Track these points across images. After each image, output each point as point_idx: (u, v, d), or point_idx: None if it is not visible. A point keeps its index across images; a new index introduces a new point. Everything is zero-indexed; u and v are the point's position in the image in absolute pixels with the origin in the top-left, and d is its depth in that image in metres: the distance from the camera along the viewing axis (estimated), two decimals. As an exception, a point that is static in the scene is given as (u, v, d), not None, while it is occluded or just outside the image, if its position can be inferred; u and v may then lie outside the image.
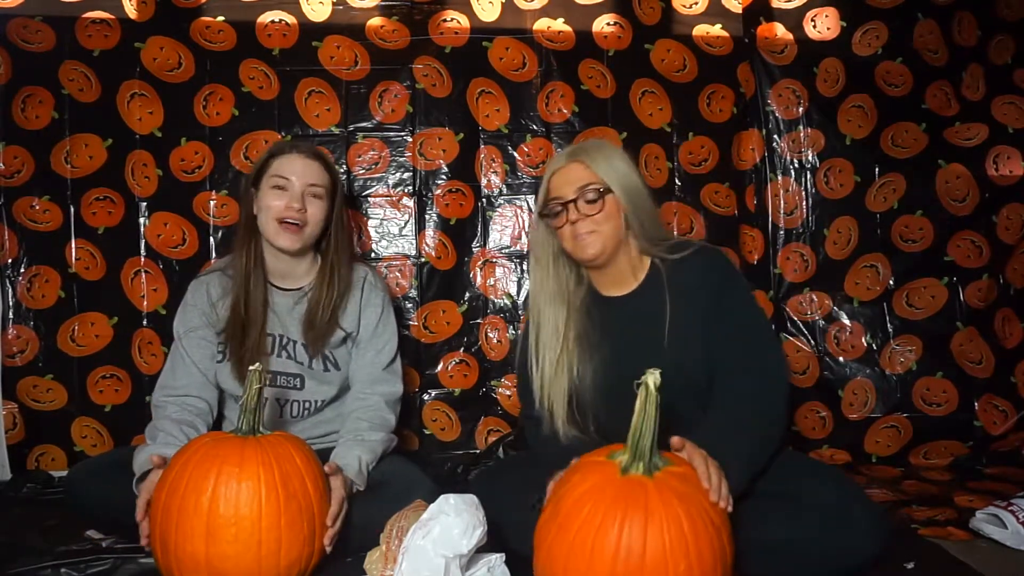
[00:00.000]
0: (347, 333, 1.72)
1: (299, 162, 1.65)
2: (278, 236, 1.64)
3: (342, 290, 1.70)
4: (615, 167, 1.48)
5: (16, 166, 2.08)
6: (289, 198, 1.63)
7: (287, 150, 1.67)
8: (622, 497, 1.08)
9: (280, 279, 1.73)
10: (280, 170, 1.64)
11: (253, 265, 1.68)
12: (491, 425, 2.22)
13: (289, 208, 1.62)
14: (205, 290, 1.71)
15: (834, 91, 2.27)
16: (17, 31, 2.09)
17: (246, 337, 1.64)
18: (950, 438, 2.20)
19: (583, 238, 1.46)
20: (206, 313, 1.69)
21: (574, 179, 1.47)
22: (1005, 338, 2.24)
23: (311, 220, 1.66)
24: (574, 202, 1.46)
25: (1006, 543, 1.50)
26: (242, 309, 1.65)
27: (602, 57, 2.26)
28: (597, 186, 1.46)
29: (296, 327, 1.70)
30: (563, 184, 1.48)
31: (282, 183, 1.63)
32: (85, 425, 2.09)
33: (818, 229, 2.27)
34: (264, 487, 1.22)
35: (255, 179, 1.68)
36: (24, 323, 2.08)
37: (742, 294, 1.50)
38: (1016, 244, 2.24)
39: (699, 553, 1.06)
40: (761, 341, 1.47)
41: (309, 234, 1.67)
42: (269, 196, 1.64)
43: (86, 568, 1.38)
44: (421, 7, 2.23)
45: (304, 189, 1.64)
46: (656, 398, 1.09)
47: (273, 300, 1.71)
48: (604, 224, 1.46)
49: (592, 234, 1.46)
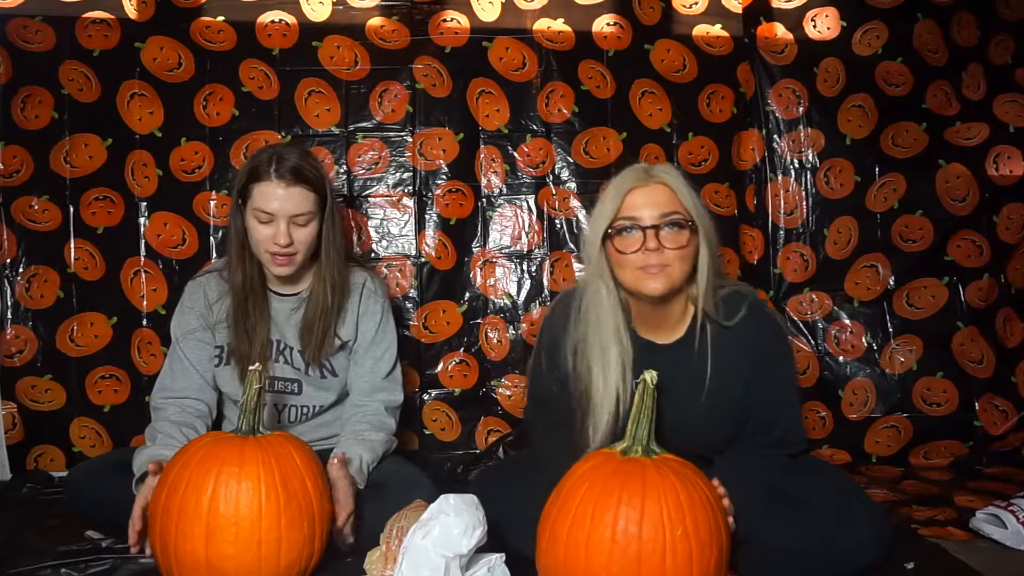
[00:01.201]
0: (344, 342, 1.70)
1: (280, 192, 1.53)
2: (271, 266, 1.60)
3: (339, 296, 1.66)
4: (698, 204, 1.32)
5: (15, 166, 2.08)
6: (275, 233, 1.55)
7: (265, 175, 1.54)
8: (621, 471, 1.13)
9: (278, 286, 1.71)
10: (261, 204, 1.54)
11: (252, 278, 1.64)
12: (491, 425, 2.22)
13: (276, 243, 1.55)
14: (203, 292, 1.70)
15: (834, 91, 2.27)
16: (17, 31, 2.08)
17: (250, 347, 1.62)
18: (950, 438, 2.20)
19: (652, 270, 1.29)
20: (203, 315, 1.68)
21: (660, 202, 1.30)
22: (1007, 338, 2.24)
23: (301, 247, 1.59)
24: (656, 228, 1.28)
25: (1006, 543, 1.50)
26: (243, 322, 1.63)
27: (602, 57, 2.26)
28: (684, 217, 1.30)
29: (294, 333, 1.68)
30: (644, 204, 1.30)
31: (265, 218, 1.55)
32: (84, 425, 2.09)
33: (818, 229, 2.27)
34: (264, 487, 1.22)
35: (240, 195, 1.60)
36: (23, 323, 2.08)
37: (782, 370, 1.42)
38: (1017, 244, 2.24)
39: (695, 522, 1.09)
40: (785, 418, 1.41)
41: (302, 257, 1.62)
42: (254, 227, 1.57)
43: (86, 568, 1.38)
44: (421, 7, 2.23)
45: (289, 221, 1.55)
46: (653, 392, 1.15)
47: (272, 306, 1.69)
48: (677, 263, 1.30)
49: (665, 268, 1.29)
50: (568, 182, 2.26)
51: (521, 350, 2.23)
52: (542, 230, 2.25)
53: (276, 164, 1.55)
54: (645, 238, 1.28)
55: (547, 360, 1.49)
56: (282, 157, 1.56)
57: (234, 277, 1.64)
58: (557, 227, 2.26)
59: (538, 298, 2.25)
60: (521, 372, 2.22)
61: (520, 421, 2.20)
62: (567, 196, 2.26)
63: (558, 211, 2.26)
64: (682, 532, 1.08)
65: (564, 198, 2.26)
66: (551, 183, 2.26)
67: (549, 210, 2.26)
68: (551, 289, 2.24)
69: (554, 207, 2.26)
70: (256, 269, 1.65)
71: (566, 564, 1.12)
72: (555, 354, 1.46)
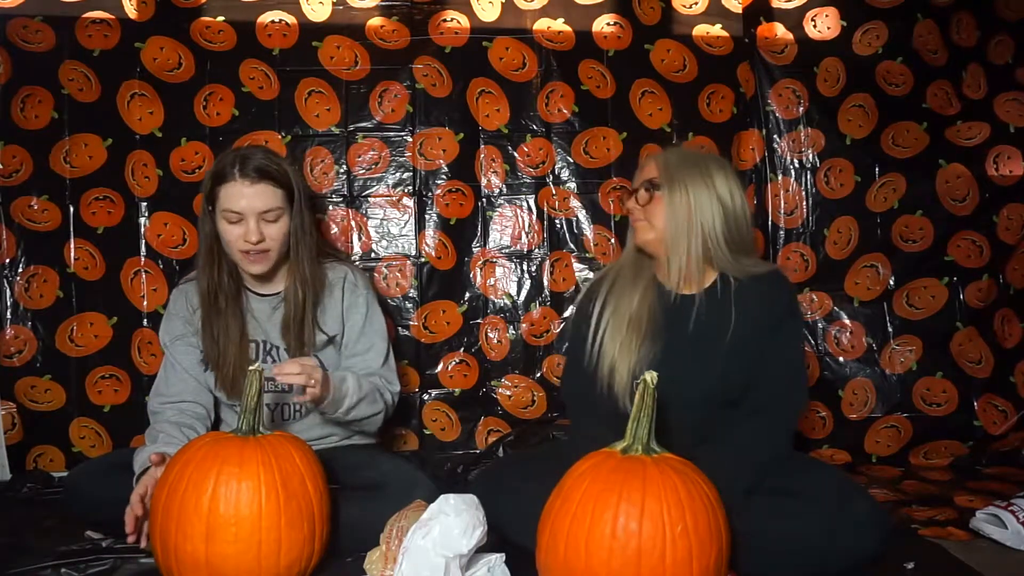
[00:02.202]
0: (330, 336, 1.70)
1: (246, 191, 1.55)
2: (246, 265, 1.62)
3: (315, 292, 1.67)
4: (678, 174, 1.53)
5: (15, 165, 2.08)
6: (245, 231, 1.57)
7: (230, 176, 1.56)
8: (621, 468, 1.14)
9: (257, 286, 1.72)
10: (229, 204, 1.56)
11: (223, 282, 1.64)
12: (491, 425, 2.22)
13: (247, 241, 1.57)
14: (184, 298, 1.72)
15: (834, 91, 2.27)
16: (17, 31, 2.08)
17: (223, 356, 1.63)
18: (950, 438, 2.20)
19: (633, 225, 1.59)
20: (188, 320, 1.70)
21: (644, 173, 1.58)
22: (1005, 338, 2.24)
23: (273, 244, 1.61)
24: (635, 192, 1.58)
25: (1006, 543, 1.50)
26: (212, 330, 1.64)
27: (602, 57, 2.26)
28: (653, 181, 1.55)
29: (277, 333, 1.69)
30: (637, 178, 1.61)
31: (234, 218, 1.57)
32: (84, 426, 2.09)
33: (818, 229, 2.27)
34: (264, 487, 1.22)
35: (208, 201, 1.61)
36: (22, 323, 2.08)
37: (796, 329, 1.60)
38: (1016, 244, 2.24)
39: (695, 519, 1.10)
40: (789, 387, 1.52)
41: (276, 253, 1.63)
42: (225, 229, 1.59)
43: (86, 568, 1.38)
44: (421, 7, 2.23)
45: (258, 218, 1.57)
46: (653, 392, 1.17)
47: (252, 306, 1.70)
48: (649, 219, 1.54)
49: (638, 222, 1.57)
50: (568, 182, 2.26)
51: (521, 350, 2.23)
52: (542, 230, 2.26)
53: (240, 165, 1.57)
54: (631, 201, 1.58)
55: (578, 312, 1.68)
56: (245, 157, 1.58)
57: (200, 283, 1.66)
58: (557, 227, 2.26)
59: (538, 298, 2.25)
60: (521, 372, 2.23)
61: (520, 421, 2.21)
62: (567, 196, 2.26)
63: (558, 211, 2.26)
64: (682, 529, 1.08)
65: (564, 198, 2.26)
66: (551, 183, 2.26)
67: (549, 210, 2.26)
68: (551, 289, 2.25)
69: (554, 207, 2.26)
70: (229, 273, 1.66)
71: (566, 561, 1.12)
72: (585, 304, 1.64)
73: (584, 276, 2.24)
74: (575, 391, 1.64)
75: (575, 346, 1.65)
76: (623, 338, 1.52)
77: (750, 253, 1.59)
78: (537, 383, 2.23)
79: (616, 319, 1.54)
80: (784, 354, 1.52)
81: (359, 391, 1.58)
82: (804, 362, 1.63)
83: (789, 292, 1.57)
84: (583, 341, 1.59)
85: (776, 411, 1.49)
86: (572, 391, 1.67)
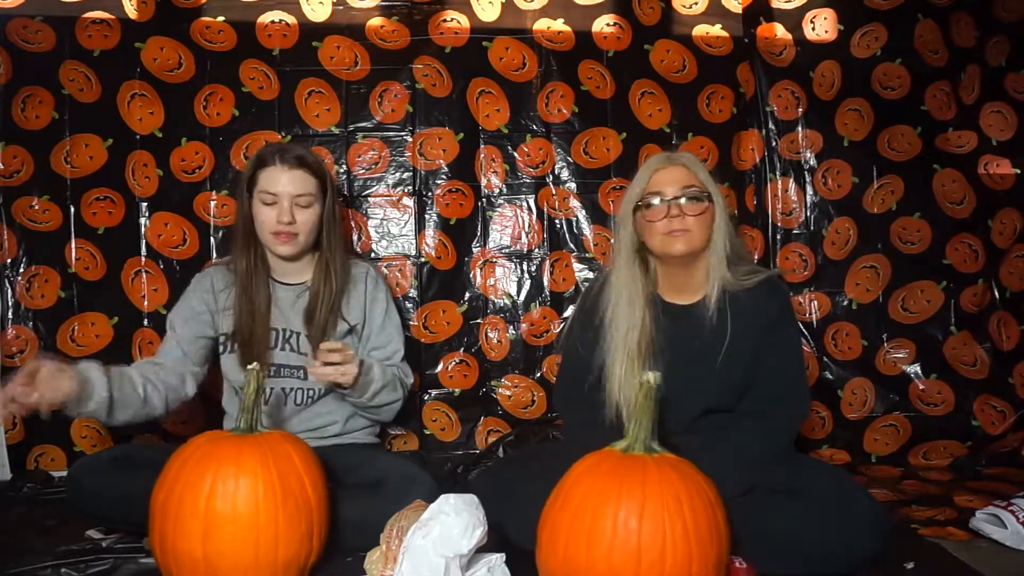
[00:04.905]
0: (352, 326, 1.77)
1: (284, 176, 1.67)
2: (275, 246, 1.71)
3: (340, 284, 1.76)
4: (712, 182, 1.54)
5: (16, 166, 2.08)
6: (279, 212, 1.67)
7: (270, 161, 1.69)
8: (622, 467, 1.15)
9: (282, 275, 1.78)
10: (266, 186, 1.67)
11: (255, 265, 1.74)
12: (491, 425, 2.22)
13: (280, 222, 1.67)
14: (210, 280, 1.79)
15: (830, 95, 2.27)
16: (17, 31, 2.09)
17: (252, 333, 1.71)
18: (949, 438, 2.20)
19: (676, 233, 1.49)
20: (206, 300, 1.76)
21: (679, 179, 1.51)
22: (1002, 341, 2.24)
23: (303, 228, 1.70)
24: (676, 199, 1.49)
25: (1006, 543, 1.50)
26: (246, 306, 1.72)
27: (602, 57, 2.26)
28: (701, 190, 1.51)
29: (299, 320, 1.75)
30: (667, 182, 1.52)
31: (269, 199, 1.67)
32: (85, 425, 2.09)
33: (817, 230, 2.27)
34: (261, 484, 1.22)
35: (247, 186, 1.72)
36: (23, 323, 2.08)
37: (791, 335, 1.57)
38: (1009, 248, 2.25)
39: (695, 518, 1.10)
40: (787, 393, 1.52)
41: (304, 239, 1.72)
42: (260, 210, 1.69)
43: (86, 568, 1.38)
44: (421, 7, 2.24)
45: (292, 201, 1.68)
46: (654, 392, 1.17)
47: (276, 295, 1.77)
48: (696, 227, 1.50)
49: (686, 233, 1.49)
50: (568, 182, 2.26)
51: (521, 350, 2.23)
52: (542, 230, 2.26)
53: (280, 153, 1.70)
54: (669, 208, 1.49)
55: (580, 322, 1.67)
56: (286, 148, 1.72)
57: (239, 263, 1.74)
58: (557, 227, 2.26)
59: (538, 298, 2.25)
60: (521, 372, 2.23)
61: (520, 421, 2.21)
62: (567, 196, 2.26)
63: (558, 211, 2.26)
64: (682, 527, 1.08)
65: (564, 198, 2.26)
66: (551, 183, 2.26)
67: (549, 210, 2.26)
68: (551, 289, 2.25)
69: (554, 207, 2.26)
70: (260, 259, 1.75)
71: (566, 559, 1.12)
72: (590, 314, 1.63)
73: (584, 276, 2.25)
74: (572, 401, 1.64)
75: (573, 361, 1.65)
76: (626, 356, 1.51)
77: (744, 260, 1.61)
78: (537, 383, 2.23)
79: (618, 335, 1.53)
80: (781, 361, 1.52)
81: (383, 378, 1.68)
82: (803, 368, 1.62)
83: (784, 300, 1.57)
84: (585, 355, 1.59)
85: (774, 417, 1.50)
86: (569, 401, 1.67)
